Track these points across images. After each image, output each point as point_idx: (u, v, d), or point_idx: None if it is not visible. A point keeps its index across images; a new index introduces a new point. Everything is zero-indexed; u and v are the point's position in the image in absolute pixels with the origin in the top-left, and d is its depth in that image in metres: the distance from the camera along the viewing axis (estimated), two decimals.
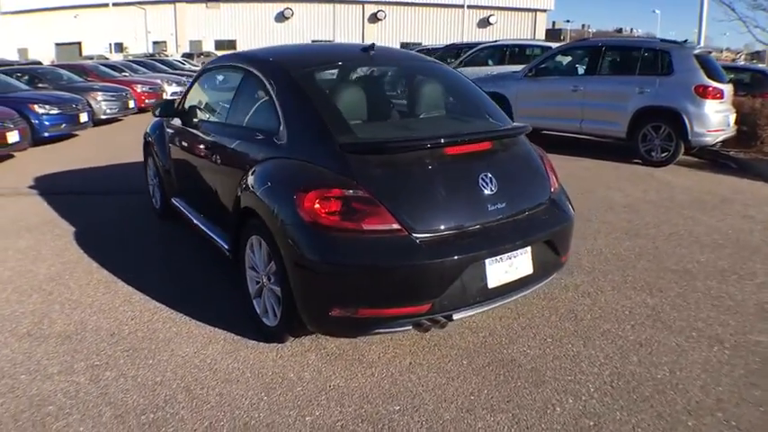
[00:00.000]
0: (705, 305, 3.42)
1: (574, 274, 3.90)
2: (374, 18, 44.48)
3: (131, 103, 12.25)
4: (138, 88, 13.85)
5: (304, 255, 2.49)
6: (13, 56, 41.05)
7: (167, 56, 35.66)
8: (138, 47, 44.45)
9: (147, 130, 5.06)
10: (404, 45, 35.59)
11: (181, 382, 2.70)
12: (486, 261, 2.57)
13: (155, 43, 45.68)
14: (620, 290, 3.64)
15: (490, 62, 12.95)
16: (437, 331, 3.07)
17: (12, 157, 8.36)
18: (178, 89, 18.10)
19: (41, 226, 5.02)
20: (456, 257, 2.47)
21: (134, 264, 4.13)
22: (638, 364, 2.79)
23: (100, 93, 11.59)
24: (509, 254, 2.64)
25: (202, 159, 3.76)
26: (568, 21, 62.46)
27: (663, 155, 7.18)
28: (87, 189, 6.48)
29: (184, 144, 4.12)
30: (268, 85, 3.09)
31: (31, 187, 6.49)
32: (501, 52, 12.61)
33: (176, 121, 4.30)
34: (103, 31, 42.46)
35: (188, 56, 38.68)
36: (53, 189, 6.42)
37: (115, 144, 9.60)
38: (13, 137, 7.71)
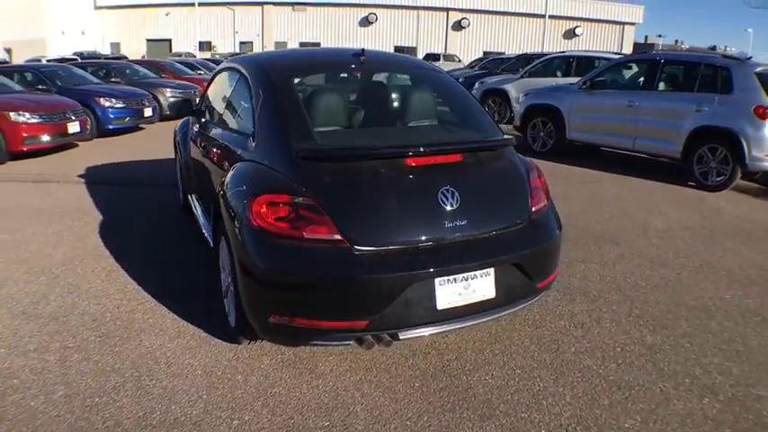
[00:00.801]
0: (711, 348, 3.07)
1: (576, 301, 3.64)
2: (458, 26, 44.45)
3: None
4: None
5: (248, 258, 2.48)
6: (106, 49, 44.36)
7: None
8: (226, 46, 46.60)
9: (176, 128, 5.25)
10: (487, 53, 35.14)
11: (135, 371, 2.77)
12: (436, 281, 2.43)
13: (242, 43, 47.69)
14: (619, 323, 3.35)
15: (558, 73, 12.47)
16: (399, 349, 2.96)
17: (76, 146, 9.00)
18: None
19: (74, 213, 5.34)
20: (396, 274, 2.36)
21: (143, 255, 4.30)
22: (607, 408, 2.54)
23: (168, 89, 12.25)
24: (464, 275, 2.49)
25: (204, 158, 3.85)
26: (660, 35, 59.02)
27: (718, 179, 6.56)
28: (131, 180, 6.85)
29: (195, 142, 4.24)
30: (252, 89, 3.12)
31: (80, 176, 6.94)
32: (567, 63, 12.08)
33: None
34: (193, 29, 44.99)
35: None
36: (100, 179, 6.85)
37: None
38: (73, 127, 8.29)
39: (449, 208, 2.53)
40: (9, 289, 3.67)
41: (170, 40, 46.59)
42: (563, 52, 14.10)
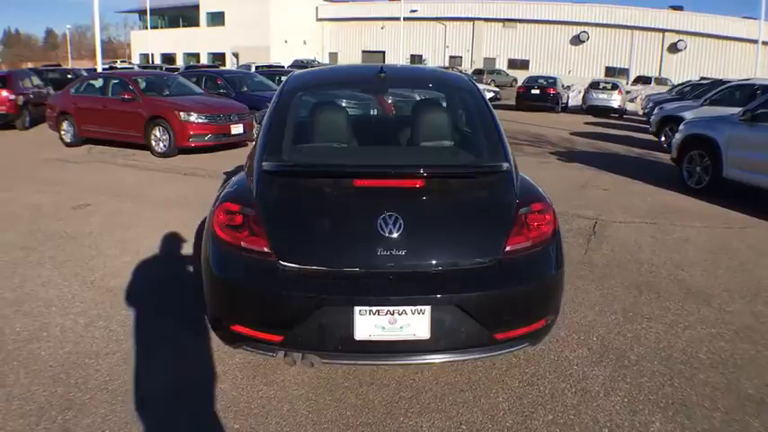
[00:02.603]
0: None
1: (601, 363, 3.12)
2: (674, 48, 40.93)
3: None
4: (390, 99, 15.43)
5: (203, 258, 2.67)
6: (325, 59, 49.33)
7: (459, 70, 38.41)
8: (436, 60, 48.71)
9: None
10: (703, 79, 32.03)
11: (132, 339, 3.21)
12: (356, 309, 2.35)
13: (451, 58, 49.41)
14: (634, 400, 2.79)
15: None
16: (362, 375, 2.91)
17: (244, 145, 10.24)
18: None
19: (195, 204, 6.14)
20: (309, 295, 2.35)
21: None
22: None
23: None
24: (390, 308, 2.35)
25: None
26: None
27: None
28: None
29: None
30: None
31: (225, 172, 7.94)
32: (752, 92, 10.22)
33: None
34: (405, 42, 47.81)
35: (478, 72, 40.68)
36: None
37: None
38: (236, 129, 9.54)
39: (387, 235, 2.42)
40: (96, 262, 4.46)
41: (384, 53, 50.15)
42: (747, 80, 12.02)
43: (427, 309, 2.37)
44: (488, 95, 27.00)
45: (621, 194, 7.45)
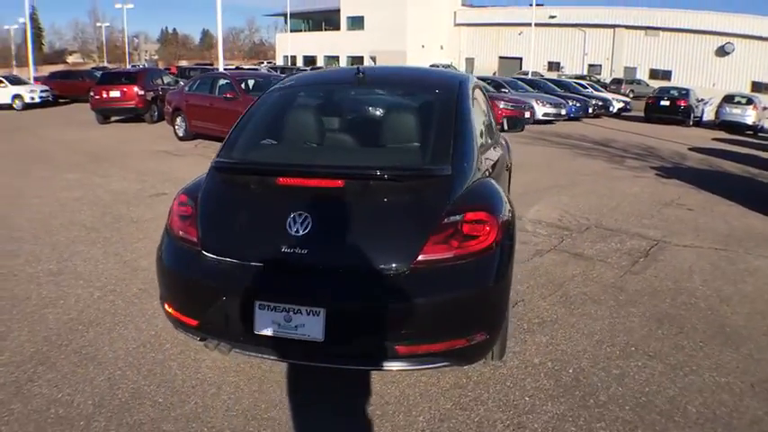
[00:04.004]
0: None
1: (560, 399, 2.81)
2: None
3: None
4: (501, 105, 15.53)
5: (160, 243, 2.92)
6: (461, 64, 49.42)
7: (597, 79, 36.50)
8: (574, 68, 46.79)
9: None
10: None
11: (126, 316, 3.58)
12: (257, 303, 2.42)
13: (590, 66, 47.13)
14: None
15: None
16: (312, 371, 2.94)
17: None
18: (552, 110, 18.68)
19: None
20: (215, 284, 2.49)
21: None
22: None
23: None
24: (285, 306, 2.39)
25: None
26: None
27: None
28: None
29: None
30: None
31: None
32: None
33: None
34: (543, 49, 46.37)
35: (616, 82, 38.27)
36: None
37: None
38: None
39: (293, 234, 2.46)
40: (139, 244, 5.00)
41: (521, 59, 49.00)
42: None
43: (322, 311, 2.36)
44: (618, 105, 25.21)
45: (705, 215, 6.61)
